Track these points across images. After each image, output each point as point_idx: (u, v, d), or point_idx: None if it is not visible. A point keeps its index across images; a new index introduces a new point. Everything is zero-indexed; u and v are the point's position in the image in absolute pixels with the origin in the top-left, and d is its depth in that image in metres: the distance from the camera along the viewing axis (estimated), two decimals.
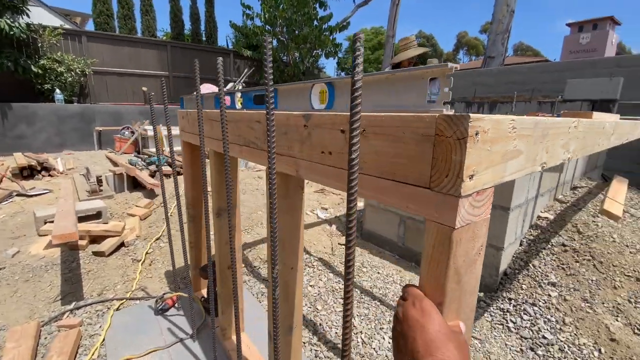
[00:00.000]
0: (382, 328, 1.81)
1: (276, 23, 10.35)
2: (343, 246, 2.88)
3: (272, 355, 1.13)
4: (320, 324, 1.85)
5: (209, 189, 1.41)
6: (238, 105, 1.18)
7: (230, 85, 6.56)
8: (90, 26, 15.77)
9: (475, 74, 6.72)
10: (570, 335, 1.72)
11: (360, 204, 3.85)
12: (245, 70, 7.51)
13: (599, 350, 1.61)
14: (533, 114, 2.45)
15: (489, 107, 4.78)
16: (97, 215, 3.13)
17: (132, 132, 6.74)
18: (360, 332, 1.79)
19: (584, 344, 1.66)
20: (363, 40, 0.45)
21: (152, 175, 4.43)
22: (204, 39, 12.18)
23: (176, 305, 1.96)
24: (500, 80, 6.26)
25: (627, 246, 2.14)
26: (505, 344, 1.76)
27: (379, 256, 2.70)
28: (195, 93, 1.17)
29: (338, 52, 11.61)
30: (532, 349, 1.71)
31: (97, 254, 2.60)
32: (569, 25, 27.85)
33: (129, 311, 1.94)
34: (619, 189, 2.91)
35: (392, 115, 0.56)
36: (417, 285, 0.57)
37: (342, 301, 2.05)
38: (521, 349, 1.72)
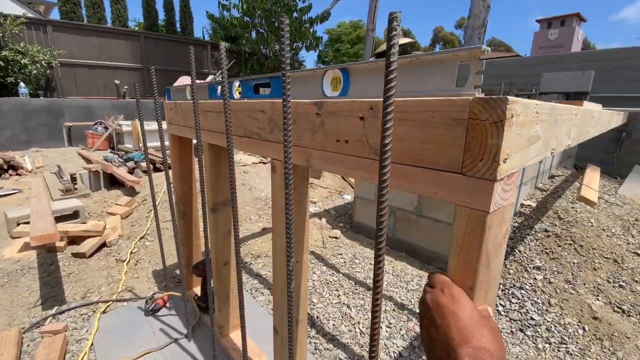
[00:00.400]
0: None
1: (255, 14, 10.11)
2: (333, 239, 2.88)
3: (279, 350, 1.12)
4: (317, 317, 1.84)
5: (197, 185, 1.36)
6: (236, 94, 1.14)
7: (210, 78, 6.34)
8: (55, 15, 14.79)
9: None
10: (556, 316, 1.81)
11: (348, 197, 3.87)
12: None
13: (583, 329, 1.71)
14: None
15: None
16: (73, 215, 2.96)
17: (106, 128, 6.41)
18: (358, 322, 1.80)
19: (569, 323, 1.75)
20: (400, 19, 0.43)
21: (131, 172, 4.24)
22: (179, 30, 11.72)
23: (167, 305, 1.89)
24: None
25: (603, 230, 2.27)
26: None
27: (370, 247, 2.72)
28: (190, 83, 1.11)
29: (319, 45, 11.51)
30: (521, 330, 1.78)
31: (77, 255, 2.47)
32: (538, 21, 28.98)
33: (117, 313, 1.86)
34: (592, 176, 3.08)
35: (419, 100, 0.54)
36: (443, 272, 0.57)
37: (337, 292, 2.05)
38: (511, 331, 1.79)
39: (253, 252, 2.57)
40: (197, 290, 1.94)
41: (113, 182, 4.02)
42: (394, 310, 1.91)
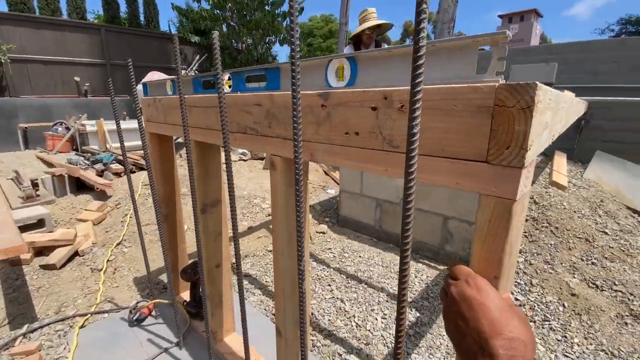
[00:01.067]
0: (373, 309, 1.85)
1: (225, 7, 9.76)
2: (321, 234, 2.87)
3: (282, 351, 1.09)
4: (312, 314, 1.82)
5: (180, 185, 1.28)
6: (226, 88, 1.08)
7: (182, 73, 6.07)
8: (2, 7, 13.52)
9: None
10: (538, 295, 1.90)
11: (332, 192, 3.86)
12: (197, 57, 6.99)
13: (563, 305, 1.81)
14: None
15: None
16: (38, 224, 2.73)
17: (67, 128, 5.98)
18: (353, 316, 1.80)
19: (550, 301, 1.85)
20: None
21: (100, 175, 3.98)
22: (143, 22, 11.10)
23: (153, 313, 1.80)
24: None
25: (574, 212, 2.41)
26: None
27: (357, 240, 2.73)
28: (176, 77, 1.04)
29: None
30: None
31: (46, 267, 2.28)
32: (500, 16, 30.32)
33: (98, 326, 1.74)
34: (560, 162, 3.27)
35: (442, 87, 0.53)
36: (465, 263, 0.57)
37: (330, 287, 2.04)
38: None
39: (240, 252, 2.50)
40: (186, 295, 1.86)
41: (80, 186, 3.75)
42: (387, 301, 1.93)
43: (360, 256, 2.45)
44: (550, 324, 1.73)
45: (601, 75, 5.06)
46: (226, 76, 1.07)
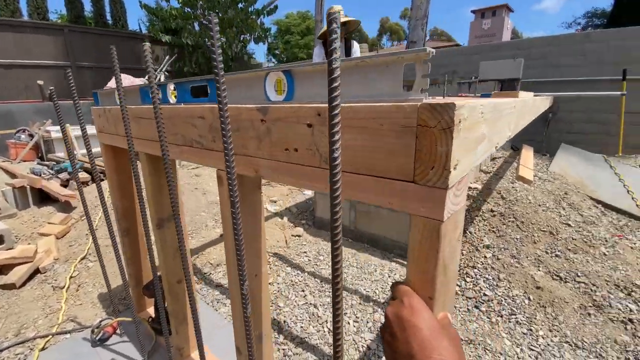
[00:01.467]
0: (346, 313, 1.84)
1: (196, 5, 9.50)
2: (296, 237, 2.84)
3: None
4: (284, 321, 1.80)
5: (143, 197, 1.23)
6: (172, 99, 1.03)
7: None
8: None
9: None
10: (505, 289, 1.95)
11: (309, 193, 3.84)
12: (167, 58, 6.77)
13: (529, 298, 1.87)
14: (461, 96, 2.66)
15: None
16: None
17: (31, 135, 5.66)
18: (326, 321, 1.79)
19: (517, 294, 1.91)
20: (340, 19, 0.39)
21: (65, 185, 3.80)
22: (110, 22, 10.66)
23: (118, 331, 1.73)
24: None
25: (539, 205, 2.50)
26: (455, 306, 1.94)
27: None
28: (115, 85, 0.98)
29: (268, 37, 11.20)
30: (476, 307, 1.91)
31: (4, 287, 2.15)
32: (473, 12, 31.02)
33: (59, 348, 1.66)
34: (527, 156, 3.37)
35: (368, 106, 0.51)
36: (405, 281, 0.55)
37: (303, 293, 2.02)
38: (468, 309, 1.91)
39: (212, 261, 2.44)
40: (152, 311, 1.79)
41: (44, 197, 3.56)
42: (360, 303, 1.93)
43: None
44: (516, 318, 1.77)
45: (567, 68, 5.26)
46: (172, 86, 1.02)
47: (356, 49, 3.52)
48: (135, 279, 1.75)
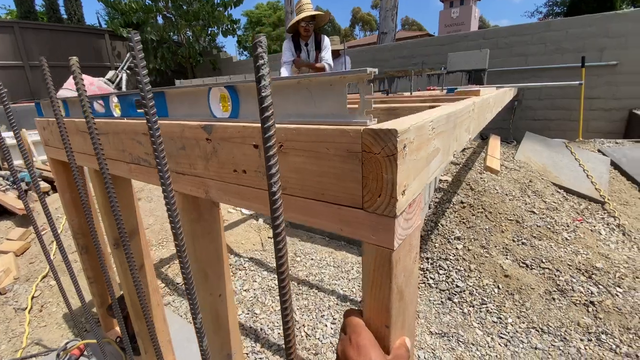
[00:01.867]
0: (323, 316, 1.84)
1: None
2: (272, 239, 2.80)
3: None
4: (261, 329, 1.77)
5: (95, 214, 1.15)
6: (116, 112, 0.95)
7: (111, 73, 5.51)
8: None
9: (374, 50, 7.09)
10: (476, 280, 2.01)
11: None
12: (128, 55, 6.39)
13: (498, 287, 1.94)
14: (429, 89, 2.68)
15: (388, 82, 5.12)
16: None
17: None
18: (303, 325, 1.78)
19: (487, 284, 1.97)
20: (265, 44, 0.35)
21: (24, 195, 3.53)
22: (64, 16, 9.95)
23: (85, 353, 1.63)
24: (395, 55, 6.75)
25: (506, 195, 2.58)
26: (429, 300, 1.98)
27: (310, 242, 2.71)
28: (65, 95, 0.89)
29: (237, 30, 10.85)
30: (449, 299, 1.95)
31: None
32: (442, 1, 31.50)
33: None
34: (494, 145, 3.48)
35: (312, 128, 0.48)
36: (360, 308, 0.53)
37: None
38: (442, 301, 1.95)
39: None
40: (120, 330, 1.70)
41: (1, 211, 3.30)
42: (337, 304, 1.93)
43: (312, 259, 2.43)
44: (487, 307, 1.83)
45: (530, 56, 5.45)
46: (115, 99, 0.94)
47: (327, 43, 3.46)
48: (101, 298, 1.66)
